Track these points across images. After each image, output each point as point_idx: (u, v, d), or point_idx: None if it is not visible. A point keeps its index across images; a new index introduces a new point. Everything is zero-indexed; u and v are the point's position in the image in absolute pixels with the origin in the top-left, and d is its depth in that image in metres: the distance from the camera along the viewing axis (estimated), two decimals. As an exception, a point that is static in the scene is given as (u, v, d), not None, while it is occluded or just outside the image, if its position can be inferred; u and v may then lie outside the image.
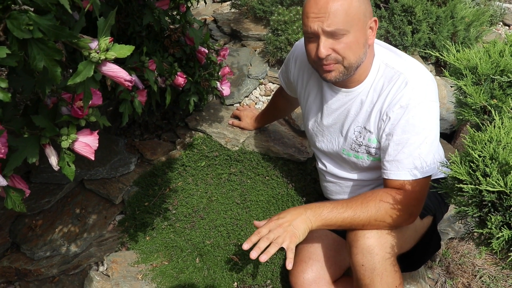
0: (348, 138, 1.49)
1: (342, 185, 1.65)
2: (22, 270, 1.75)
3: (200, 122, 2.25)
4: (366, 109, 1.41)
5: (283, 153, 2.13)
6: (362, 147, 1.46)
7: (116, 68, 0.84)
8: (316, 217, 1.32)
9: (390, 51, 1.43)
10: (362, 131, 1.44)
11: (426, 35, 2.79)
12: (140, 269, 1.77)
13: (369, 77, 1.40)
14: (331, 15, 1.21)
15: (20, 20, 0.65)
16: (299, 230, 1.30)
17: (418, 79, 1.34)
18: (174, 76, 1.66)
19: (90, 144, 0.96)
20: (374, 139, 1.42)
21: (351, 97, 1.44)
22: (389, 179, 1.33)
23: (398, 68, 1.36)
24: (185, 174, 2.07)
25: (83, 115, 0.93)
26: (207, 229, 1.89)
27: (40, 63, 0.70)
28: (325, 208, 1.33)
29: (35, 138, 0.91)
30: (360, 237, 1.30)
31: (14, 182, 0.94)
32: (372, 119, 1.40)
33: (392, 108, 1.33)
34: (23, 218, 1.89)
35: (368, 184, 1.59)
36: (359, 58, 1.30)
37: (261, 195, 2.01)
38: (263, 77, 2.66)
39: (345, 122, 1.49)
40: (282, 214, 1.35)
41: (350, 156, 1.52)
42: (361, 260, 1.28)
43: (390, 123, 1.33)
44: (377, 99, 1.38)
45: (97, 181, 2.02)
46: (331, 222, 1.32)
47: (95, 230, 1.89)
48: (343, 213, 1.31)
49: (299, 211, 1.34)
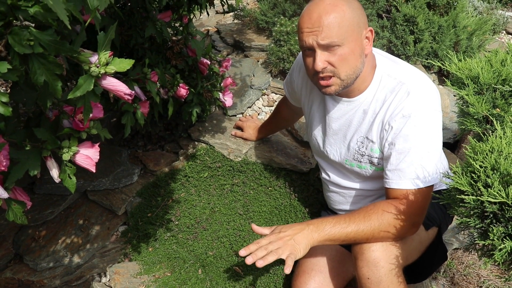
0: (351, 148, 1.49)
1: (345, 195, 1.65)
2: (25, 281, 1.75)
3: (203, 133, 2.25)
4: (369, 119, 1.41)
5: (285, 163, 2.13)
6: (364, 157, 1.46)
7: (116, 82, 0.85)
8: (318, 232, 1.31)
9: (391, 61, 1.44)
10: (364, 141, 1.44)
11: (429, 44, 2.79)
12: (143, 280, 1.77)
13: (370, 86, 1.40)
14: (324, 28, 1.23)
15: (21, 36, 0.66)
16: (300, 245, 1.30)
17: (420, 88, 1.34)
18: (177, 87, 1.67)
19: (91, 156, 0.97)
20: (377, 149, 1.42)
21: (353, 107, 1.45)
22: (391, 188, 1.33)
23: (400, 78, 1.37)
24: (188, 185, 2.08)
25: (84, 128, 0.93)
26: (210, 240, 1.89)
27: (40, 77, 0.71)
28: (327, 224, 1.32)
29: (36, 150, 0.91)
30: (365, 249, 1.29)
31: (16, 194, 0.95)
32: (375, 129, 1.40)
33: (395, 117, 1.33)
34: (26, 229, 1.89)
35: (372, 194, 1.59)
36: (356, 68, 1.31)
37: (263, 205, 2.01)
38: (265, 87, 2.66)
39: (348, 131, 1.49)
40: (284, 228, 1.35)
41: (353, 166, 1.52)
42: (367, 273, 1.27)
43: (393, 132, 1.33)
44: (379, 109, 1.38)
45: (100, 192, 2.03)
46: (334, 238, 1.31)
47: (98, 241, 1.89)
48: (346, 227, 1.30)
49: (301, 226, 1.34)
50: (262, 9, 3.07)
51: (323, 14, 1.23)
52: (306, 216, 1.98)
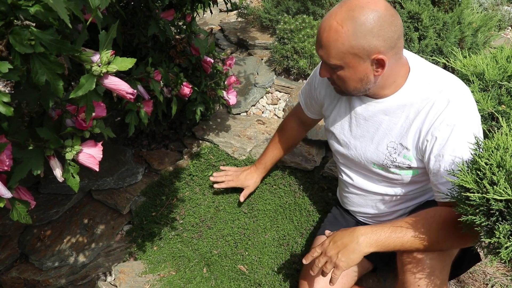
0: (380, 153, 1.43)
1: (366, 198, 1.60)
2: (31, 281, 1.76)
3: (207, 131, 2.25)
4: (402, 124, 1.35)
5: (290, 161, 2.13)
6: (395, 163, 1.40)
7: (118, 81, 0.85)
8: (371, 243, 1.24)
9: (425, 65, 1.37)
10: (397, 148, 1.38)
11: (433, 41, 2.77)
12: (148, 279, 1.77)
13: (403, 89, 1.33)
14: (324, 48, 1.21)
15: (22, 36, 0.66)
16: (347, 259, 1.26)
17: (459, 95, 1.28)
18: (180, 86, 1.67)
19: (94, 155, 0.97)
20: (411, 157, 1.36)
21: (382, 108, 1.38)
22: (446, 202, 1.25)
23: (437, 85, 1.30)
24: (192, 184, 2.08)
25: (87, 127, 0.93)
26: (215, 239, 1.89)
27: (42, 77, 0.71)
28: (382, 233, 1.24)
29: (39, 150, 0.91)
30: (421, 256, 1.23)
31: (20, 193, 0.95)
32: (411, 136, 1.33)
33: (438, 127, 1.26)
34: (31, 229, 1.90)
35: (397, 199, 1.54)
36: (357, 89, 1.28)
37: (268, 204, 2.00)
38: (269, 85, 2.66)
39: (376, 134, 1.43)
40: (336, 237, 1.30)
41: (381, 170, 1.46)
42: (419, 281, 1.22)
43: (438, 143, 1.26)
44: (415, 116, 1.31)
45: (104, 192, 2.03)
46: (389, 248, 1.24)
47: (103, 240, 1.90)
48: (403, 237, 1.22)
49: (352, 237, 1.26)
50: (266, 7, 3.06)
51: (326, 33, 1.19)
52: (310, 215, 1.97)
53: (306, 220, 1.95)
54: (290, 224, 1.95)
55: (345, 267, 1.25)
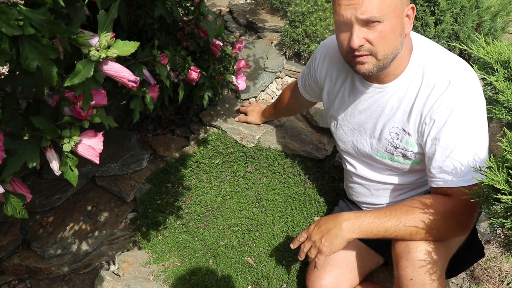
0: (383, 139, 1.38)
1: (370, 188, 1.55)
2: (33, 268, 1.72)
3: (215, 117, 2.18)
4: (404, 108, 1.30)
5: (300, 150, 2.05)
6: (398, 150, 1.35)
7: (119, 68, 0.77)
8: (354, 228, 1.23)
9: (428, 45, 1.31)
10: (399, 133, 1.33)
11: (450, 26, 2.66)
12: (152, 269, 1.72)
13: (406, 72, 1.28)
14: (365, 2, 1.11)
15: (9, 15, 0.58)
16: (330, 244, 1.26)
17: (462, 77, 1.22)
18: (187, 70, 1.59)
19: (94, 146, 0.90)
20: (413, 143, 1.31)
21: (385, 94, 1.33)
22: (438, 187, 1.22)
23: (439, 66, 1.25)
24: (198, 172, 2.01)
25: (86, 116, 0.86)
26: (221, 229, 1.83)
27: (33, 62, 0.63)
28: (365, 218, 1.23)
29: (35, 140, 0.84)
30: (412, 249, 1.19)
31: (15, 186, 0.89)
32: (412, 120, 1.28)
33: (437, 110, 1.21)
34: (34, 215, 1.85)
35: (401, 189, 1.49)
36: (395, 48, 1.19)
37: (277, 194, 1.93)
38: (279, 70, 2.57)
39: (378, 121, 1.37)
40: (321, 222, 1.31)
41: (384, 158, 1.41)
42: (411, 274, 1.18)
43: (436, 126, 1.21)
44: (415, 98, 1.26)
45: (108, 178, 1.97)
46: (372, 233, 1.23)
47: (106, 228, 1.85)
48: (386, 222, 1.20)
49: (335, 222, 1.27)
50: (277, -12, 2.95)
51: None
52: (321, 205, 1.91)
53: (316, 211, 1.89)
54: (300, 215, 1.88)
55: (328, 252, 1.26)
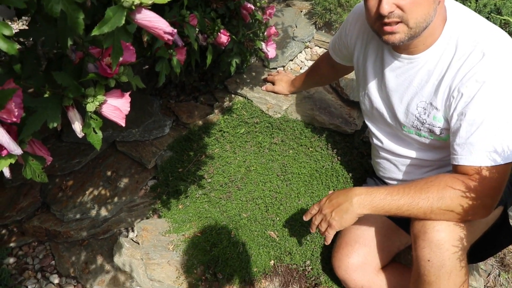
0: (410, 114, 1.30)
1: (397, 163, 1.48)
2: (52, 231, 1.69)
3: (241, 85, 2.09)
4: (433, 82, 1.21)
5: (329, 123, 1.96)
6: (425, 125, 1.27)
7: (154, 17, 0.68)
8: (365, 204, 1.19)
9: (464, 14, 1.20)
10: (427, 108, 1.24)
11: (492, 0, 2.50)
12: (172, 239, 1.67)
13: (438, 43, 1.19)
14: None
15: None
16: (340, 219, 1.23)
17: (499, 50, 1.11)
18: (217, 33, 1.49)
19: (120, 107, 0.82)
20: (441, 118, 1.22)
21: (414, 65, 1.25)
22: (460, 165, 1.13)
23: (474, 36, 1.14)
24: (222, 141, 1.94)
25: (113, 74, 0.78)
26: (244, 201, 1.76)
27: (56, 6, 0.55)
28: (377, 194, 1.18)
29: (56, 98, 0.77)
30: (429, 229, 1.13)
31: (34, 148, 0.82)
32: (440, 94, 1.19)
33: (466, 83, 1.12)
34: (53, 178, 1.81)
35: (429, 165, 1.41)
36: (428, 16, 1.10)
37: (303, 167, 1.86)
38: (309, 40, 2.45)
39: (405, 94, 1.29)
40: (332, 196, 1.26)
41: (411, 133, 1.34)
42: (428, 255, 1.12)
43: (463, 100, 1.12)
44: (446, 71, 1.17)
45: (129, 144, 1.91)
46: (384, 210, 1.18)
47: (126, 195, 1.80)
48: (399, 200, 1.14)
49: (346, 196, 1.23)
50: (309, -49, 2.79)
51: None
52: (348, 182, 1.83)
53: (343, 187, 1.81)
54: (326, 190, 1.80)
55: (338, 226, 1.24)
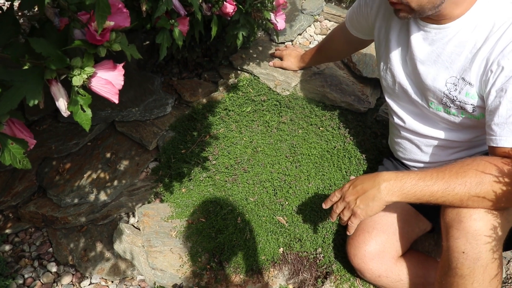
0: (437, 90, 1.18)
1: (420, 144, 1.37)
2: (49, 217, 1.60)
3: (247, 61, 1.96)
4: (467, 54, 1.10)
5: (340, 101, 1.84)
6: (455, 102, 1.15)
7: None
8: (394, 190, 1.08)
9: None
10: (458, 83, 1.13)
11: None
12: (174, 225, 1.58)
13: (471, 11, 1.08)
14: None
15: None
16: (366, 207, 1.12)
17: None
18: (222, 2, 1.37)
19: (112, 81, 0.71)
20: (474, 94, 1.11)
21: (443, 36, 1.13)
22: (499, 147, 1.03)
23: None
24: (227, 120, 1.82)
25: (103, 40, 0.66)
26: (251, 184, 1.66)
27: None
28: (408, 179, 1.07)
29: (38, 70, 0.66)
30: (465, 217, 1.03)
31: (14, 129, 0.71)
32: (475, 68, 1.08)
33: (508, 55, 1.01)
34: (50, 161, 1.71)
35: (456, 146, 1.30)
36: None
37: (313, 148, 1.75)
38: (318, 13, 2.31)
39: (433, 68, 1.18)
40: (357, 182, 1.16)
41: (439, 111, 1.23)
42: (463, 246, 1.02)
43: (504, 74, 1.02)
44: (483, 42, 1.06)
45: (129, 124, 1.80)
46: (415, 197, 1.07)
47: (126, 178, 1.70)
48: (432, 186, 1.04)
49: (373, 182, 1.11)
50: None
51: None
52: (361, 163, 1.72)
53: (356, 169, 1.70)
54: (338, 172, 1.70)
55: (363, 215, 1.14)
